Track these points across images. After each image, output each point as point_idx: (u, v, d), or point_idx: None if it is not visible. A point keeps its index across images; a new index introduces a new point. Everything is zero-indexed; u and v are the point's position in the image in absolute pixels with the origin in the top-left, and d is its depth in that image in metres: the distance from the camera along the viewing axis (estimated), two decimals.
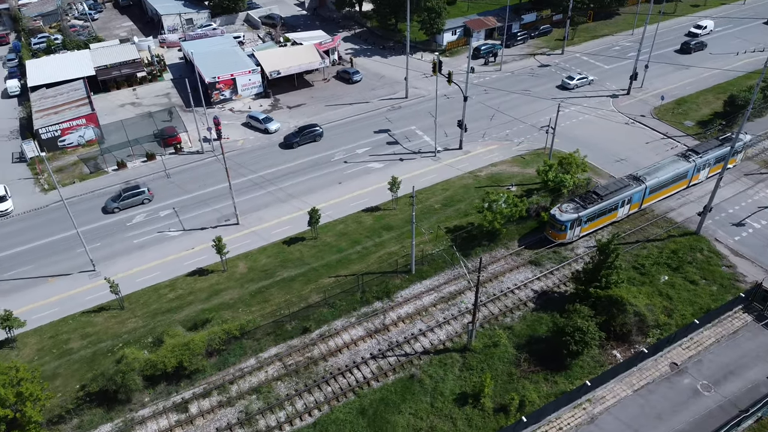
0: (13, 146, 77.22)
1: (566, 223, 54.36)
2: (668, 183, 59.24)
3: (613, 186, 57.16)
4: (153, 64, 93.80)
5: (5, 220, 64.12)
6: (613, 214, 57.35)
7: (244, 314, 49.86)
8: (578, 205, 55.24)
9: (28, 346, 48.88)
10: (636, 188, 57.09)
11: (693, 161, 60.26)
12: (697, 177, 61.93)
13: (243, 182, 66.23)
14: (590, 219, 55.62)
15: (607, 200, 55.66)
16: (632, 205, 58.16)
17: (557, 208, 55.29)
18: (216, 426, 42.84)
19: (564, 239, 55.78)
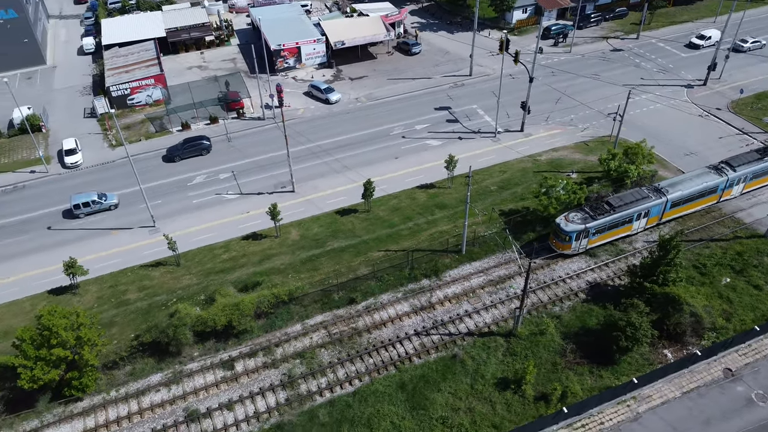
0: (85, 102, 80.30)
1: (571, 234, 50.73)
2: (694, 197, 54.40)
3: (629, 197, 52.69)
4: (221, 29, 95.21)
5: (75, 171, 67.10)
6: (627, 227, 53.16)
7: (294, 281, 50.73)
8: (587, 215, 51.36)
9: (89, 294, 51.32)
10: (655, 201, 52.65)
11: (725, 175, 55.17)
12: (729, 192, 56.70)
13: (301, 150, 66.88)
14: (599, 231, 51.68)
15: (620, 212, 51.51)
16: (650, 219, 53.87)
17: (563, 217, 51.55)
18: (259, 386, 44.09)
19: (568, 250, 52.16)
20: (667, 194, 53.32)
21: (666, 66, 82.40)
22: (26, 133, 71.05)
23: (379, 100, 77.49)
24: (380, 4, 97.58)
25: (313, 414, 42.04)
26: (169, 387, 44.30)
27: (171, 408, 43.07)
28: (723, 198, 57.06)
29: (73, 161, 67.38)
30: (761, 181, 58.07)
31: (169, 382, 44.50)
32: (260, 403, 43.03)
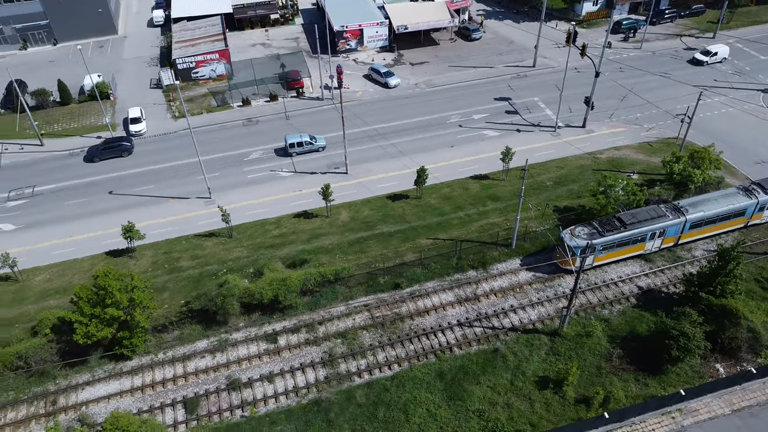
0: (152, 72, 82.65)
1: (575, 249, 47.90)
2: (717, 219, 50.98)
3: (643, 214, 49.64)
4: (286, 8, 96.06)
5: (138, 140, 69.33)
6: (639, 246, 50.39)
7: (341, 261, 51.11)
8: (594, 230, 48.76)
9: (144, 258, 53.13)
10: (672, 221, 49.58)
11: (755, 197, 51.44)
12: (759, 216, 53.02)
13: (357, 133, 67.02)
14: (607, 248, 49.06)
15: (632, 230, 48.62)
16: (666, 239, 50.82)
17: (568, 231, 49.12)
18: (300, 361, 44.80)
19: (572, 266, 49.21)
20: (686, 214, 49.99)
21: (742, 68, 78.39)
22: (95, 100, 73.76)
23: (438, 87, 76.75)
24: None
25: (350, 394, 42.46)
26: (214, 354, 45.55)
27: (214, 375, 44.30)
28: (752, 222, 53.31)
29: (137, 129, 69.61)
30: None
31: (214, 349, 45.75)
32: (300, 378, 43.75)
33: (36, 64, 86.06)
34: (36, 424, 42.07)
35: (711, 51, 79.50)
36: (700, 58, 79.54)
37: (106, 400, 43.11)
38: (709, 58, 79.15)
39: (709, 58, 79.20)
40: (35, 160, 67.11)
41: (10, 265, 49.82)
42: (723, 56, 79.85)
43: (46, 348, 44.40)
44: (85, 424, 41.10)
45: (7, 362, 43.77)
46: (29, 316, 47.99)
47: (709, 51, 79.66)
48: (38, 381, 44.36)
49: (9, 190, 62.48)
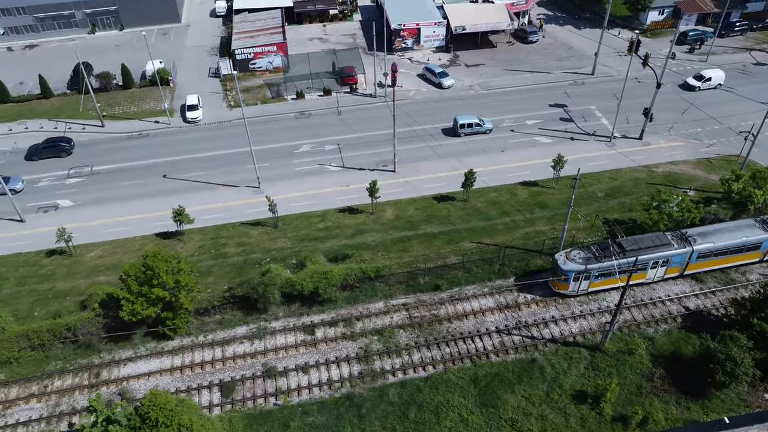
0: (211, 61, 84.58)
1: (569, 273, 46.40)
2: (728, 251, 48.19)
3: (646, 241, 47.19)
4: (346, 4, 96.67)
5: (194, 126, 71.12)
6: (640, 275, 48.04)
7: (382, 259, 51.15)
8: (591, 255, 46.71)
9: (192, 242, 54.44)
10: (677, 250, 47.17)
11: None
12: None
13: (407, 132, 66.93)
14: (604, 275, 46.95)
15: (632, 257, 45.90)
16: (670, 269, 48.44)
17: (564, 254, 47.17)
18: (336, 355, 45.08)
19: (565, 291, 47.92)
20: (693, 244, 47.50)
21: None
22: (155, 85, 76.03)
23: (492, 90, 75.91)
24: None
25: (383, 391, 42.47)
26: (252, 341, 46.31)
27: (251, 361, 45.04)
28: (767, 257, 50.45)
29: (193, 116, 71.38)
30: None
31: (253, 336, 46.51)
32: (334, 372, 44.03)
33: (102, 48, 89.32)
34: (79, 395, 43.68)
35: (704, 76, 74.33)
36: (692, 83, 74.44)
37: (146, 377, 44.41)
38: (702, 84, 74.09)
39: (701, 83, 74.14)
40: (95, 140, 69.68)
41: (66, 239, 51.85)
42: (718, 82, 74.25)
43: (93, 322, 46.05)
44: (125, 398, 42.45)
45: (57, 333, 45.61)
46: (80, 290, 49.86)
47: (702, 76, 74.52)
48: (84, 353, 46.07)
49: (69, 167, 65.07)
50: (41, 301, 49.28)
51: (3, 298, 49.23)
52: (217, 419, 40.82)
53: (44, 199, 60.70)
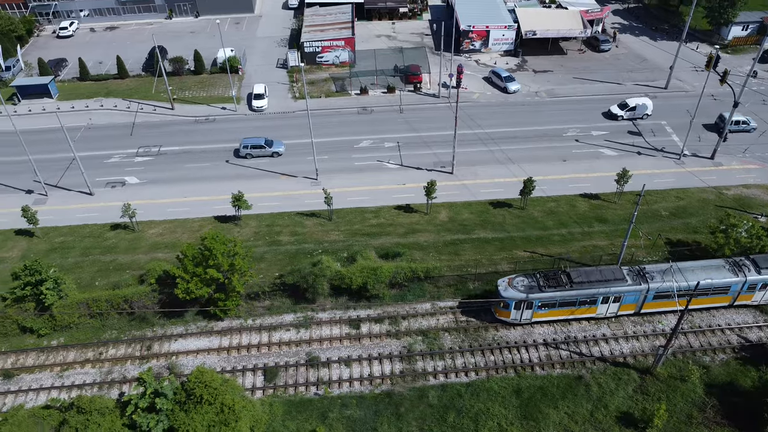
0: (279, 53, 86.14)
1: (509, 301, 44.53)
2: (692, 293, 43.06)
3: (596, 274, 44.70)
4: (416, 2, 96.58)
5: (259, 115, 72.66)
6: (589, 309, 45.75)
7: (433, 260, 50.87)
8: (534, 284, 44.57)
9: (248, 227, 55.63)
10: (630, 286, 44.50)
11: (743, 275, 45.17)
12: (748, 297, 46.69)
13: (468, 134, 66.32)
14: (548, 305, 44.94)
15: (578, 290, 44.06)
16: (624, 306, 45.86)
17: (506, 280, 45.23)
18: (379, 351, 45.18)
19: (506, 318, 45.94)
20: (649, 281, 44.63)
21: None
22: (225, 73, 78.02)
23: (559, 98, 74.31)
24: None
25: (423, 393, 42.30)
26: (298, 329, 46.97)
27: (295, 349, 45.69)
28: (739, 302, 47.03)
29: (259, 105, 72.92)
30: None
31: (299, 324, 47.16)
32: (376, 368, 44.14)
33: (177, 34, 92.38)
34: (131, 365, 45.39)
35: (628, 104, 68.92)
36: (615, 112, 69.28)
37: (195, 354, 45.71)
38: (625, 113, 68.93)
39: (624, 112, 68.93)
40: (164, 122, 72.15)
41: (130, 215, 53.89)
42: (644, 112, 69.05)
43: (149, 296, 47.74)
44: (173, 372, 43.83)
45: (115, 303, 47.53)
46: (139, 265, 51.77)
47: (626, 104, 69.10)
48: (138, 325, 47.84)
49: (138, 146, 67.63)
50: (102, 272, 51.44)
51: (68, 267, 51.63)
52: (258, 402, 41.63)
53: (113, 175, 63.33)
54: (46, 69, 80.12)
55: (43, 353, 46.60)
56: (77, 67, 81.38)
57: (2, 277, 50.64)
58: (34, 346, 46.89)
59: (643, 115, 69.34)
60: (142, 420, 37.88)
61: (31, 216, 53.48)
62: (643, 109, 69.04)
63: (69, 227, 56.74)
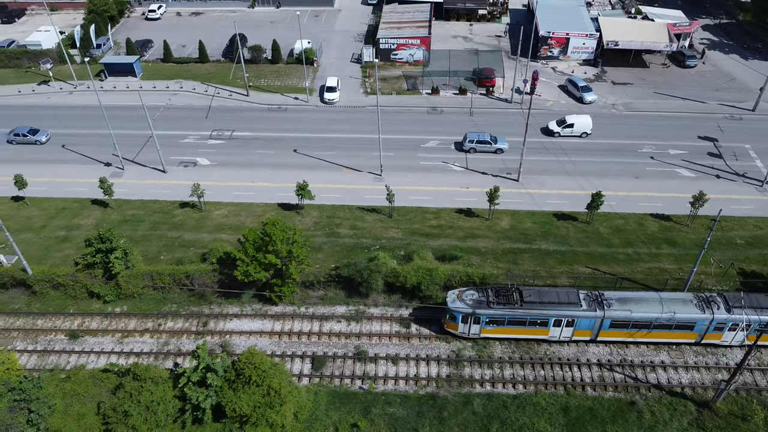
0: (355, 47, 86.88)
1: (456, 314, 43.58)
2: (652, 325, 42.90)
3: (549, 296, 43.21)
4: (496, 5, 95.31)
5: (330, 107, 73.60)
6: (541, 331, 43.98)
7: (490, 267, 50.11)
8: (484, 299, 43.42)
9: (309, 217, 56.46)
10: (584, 312, 42.67)
11: (710, 312, 42.49)
12: (716, 337, 43.83)
13: (537, 142, 64.92)
14: (496, 322, 43.46)
15: (528, 309, 42.77)
16: (578, 331, 43.94)
17: (457, 292, 44.38)
18: (427, 353, 44.96)
19: (455, 331, 45.03)
20: (606, 309, 42.66)
21: None
22: (300, 64, 79.38)
23: (636, 112, 71.65)
24: (670, 11, 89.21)
25: (468, 399, 41.80)
26: (349, 322, 47.35)
27: (345, 341, 46.08)
28: (706, 340, 44.36)
29: (330, 98, 73.82)
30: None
31: (350, 317, 47.53)
32: (422, 369, 43.95)
33: (258, 22, 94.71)
34: (186, 339, 46.98)
35: (566, 121, 66.22)
36: (552, 128, 66.66)
37: (247, 335, 46.84)
38: (562, 129, 66.20)
39: (561, 129, 66.23)
40: (239, 107, 74.16)
41: (199, 195, 55.70)
42: (584, 130, 65.94)
43: (209, 275, 49.22)
44: (225, 350, 45.07)
45: (177, 278, 49.29)
46: (203, 244, 53.45)
47: (564, 121, 66.42)
48: (196, 302, 49.45)
49: (212, 129, 69.81)
50: (168, 247, 53.42)
51: (137, 239, 53.91)
52: (304, 389, 42.26)
53: (186, 155, 65.64)
54: (133, 49, 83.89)
55: (107, 319, 48.89)
56: (162, 48, 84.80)
57: (77, 243, 53.45)
58: (99, 311, 49.28)
59: (582, 134, 66.58)
60: (193, 393, 39.13)
61: (108, 188, 56.16)
62: (583, 127, 66.40)
63: (141, 201, 59.25)
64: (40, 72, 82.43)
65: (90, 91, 75.52)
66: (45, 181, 61.68)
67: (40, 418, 39.77)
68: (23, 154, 66.37)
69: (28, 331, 48.12)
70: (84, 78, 79.61)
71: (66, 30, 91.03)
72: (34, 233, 55.66)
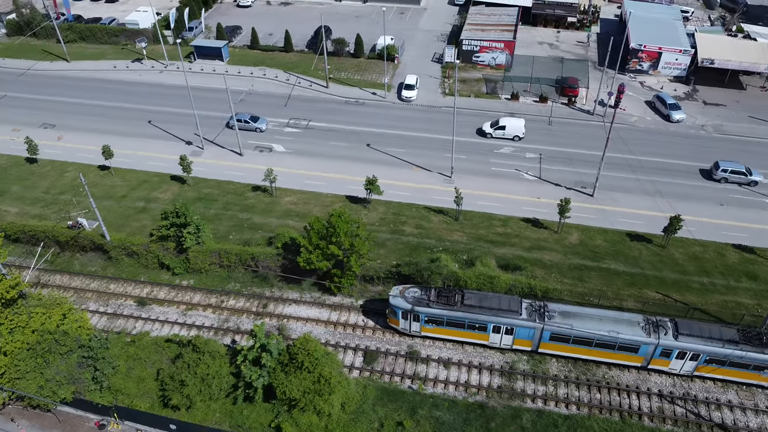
0: (437, 47, 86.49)
1: (396, 309, 44.05)
2: (594, 343, 41.81)
3: (490, 301, 43.03)
4: (587, 14, 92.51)
5: (407, 105, 73.67)
6: (481, 335, 43.72)
7: (555, 281, 48.79)
8: (425, 297, 43.59)
9: (375, 212, 56.71)
10: (522, 321, 42.19)
11: (656, 338, 40.84)
12: (664, 363, 42.12)
13: (616, 158, 62.55)
14: (435, 322, 43.57)
15: (465, 312, 42.70)
16: (518, 340, 43.37)
17: (400, 287, 45.06)
18: (480, 361, 44.31)
19: (397, 326, 45.43)
20: (545, 320, 41.76)
21: None
22: (381, 60, 79.77)
23: (728, 135, 67.78)
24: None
25: (517, 413, 40.86)
26: None
27: (398, 339, 46.07)
28: (654, 366, 42.56)
29: (408, 95, 73.84)
30: (738, 374, 41.37)
31: None
32: (474, 377, 43.33)
33: (343, 16, 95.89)
34: (246, 318, 48.25)
35: (499, 123, 66.55)
36: (485, 130, 67.13)
37: (304, 322, 47.59)
38: (494, 131, 66.39)
39: (494, 130, 66.47)
40: (317, 98, 75.38)
41: (271, 180, 57.03)
42: (515, 133, 65.88)
43: (273, 259, 50.33)
44: (281, 333, 45.98)
45: (243, 259, 50.67)
46: (270, 228, 54.70)
47: (497, 122, 66.77)
48: (258, 283, 50.68)
49: (290, 118, 71.31)
50: (237, 228, 55.01)
51: (209, 217, 55.81)
52: (354, 382, 42.51)
53: (263, 141, 67.36)
54: (223, 34, 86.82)
55: (174, 290, 50.89)
56: (249, 35, 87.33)
57: (153, 215, 55.94)
58: (167, 283, 51.37)
59: (514, 137, 66.31)
60: (247, 371, 40.12)
61: (187, 165, 58.41)
62: (514, 131, 66.14)
63: (216, 181, 61.29)
64: (135, 50, 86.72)
65: (179, 72, 78.76)
66: (130, 154, 64.89)
67: (104, 377, 41.90)
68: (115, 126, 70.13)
69: (101, 294, 50.77)
70: (174, 58, 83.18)
71: (162, 11, 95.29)
72: (115, 202, 58.67)
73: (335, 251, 45.61)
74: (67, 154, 66.02)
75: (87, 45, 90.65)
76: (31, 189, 61.33)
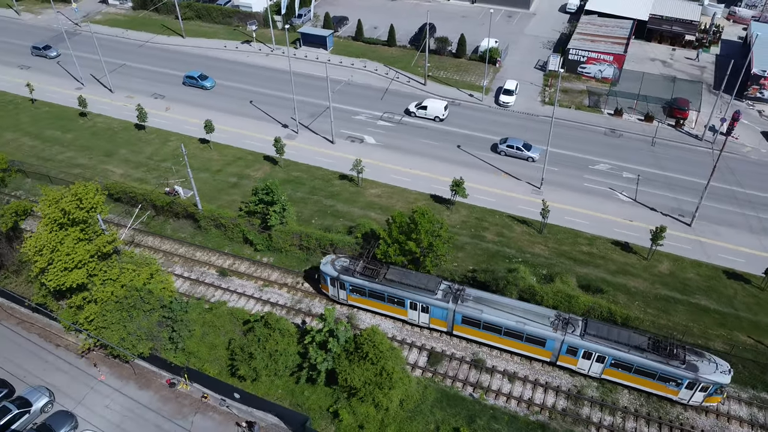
0: (542, 54, 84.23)
1: (325, 275, 46.30)
2: (503, 331, 42.29)
3: (411, 278, 44.59)
4: (708, 33, 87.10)
5: (503, 110, 72.32)
6: (400, 311, 45.50)
7: (637, 310, 46.46)
8: (352, 267, 45.71)
9: (458, 214, 56.13)
10: (436, 301, 43.52)
11: (560, 334, 40.62)
12: (573, 362, 41.74)
13: (722, 189, 58.59)
14: (359, 291, 45.70)
15: (386, 285, 44.56)
16: (434, 320, 44.64)
17: (333, 256, 47.50)
18: (547, 380, 42.87)
19: (327, 293, 47.92)
20: (458, 303, 42.91)
21: None
22: (483, 62, 78.69)
23: None
24: None
25: None
26: None
27: (465, 344, 45.38)
28: (562, 363, 42.34)
29: (505, 101, 72.46)
30: (644, 383, 40.34)
31: None
32: (538, 395, 42.03)
33: (449, 15, 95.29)
34: (318, 302, 49.14)
35: (422, 104, 70.57)
36: (410, 109, 71.44)
37: (373, 314, 47.84)
38: (417, 110, 70.50)
39: (416, 109, 70.61)
40: (413, 95, 75.47)
41: (359, 170, 57.72)
42: (435, 114, 69.54)
43: (352, 247, 50.90)
44: (350, 322, 46.49)
45: (323, 244, 51.60)
46: (352, 217, 55.40)
47: (420, 103, 70.95)
48: None
49: (384, 111, 71.86)
50: (320, 213, 56.11)
51: (295, 199, 57.27)
52: (415, 380, 42.34)
53: (355, 131, 68.29)
54: (329, 23, 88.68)
55: (254, 266, 52.63)
56: (355, 27, 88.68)
57: (244, 191, 58.11)
58: (249, 257, 53.17)
59: (434, 117, 69.67)
60: (314, 353, 40.88)
61: (280, 147, 60.21)
62: (435, 111, 69.75)
63: (306, 166, 62.79)
64: (246, 32, 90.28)
65: (284, 57, 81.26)
66: (229, 130, 67.70)
67: (180, 338, 44.00)
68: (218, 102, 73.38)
69: (187, 260, 53.32)
70: (281, 43, 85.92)
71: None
72: (210, 174, 61.42)
73: (413, 248, 45.52)
74: (172, 125, 69.86)
75: (202, 23, 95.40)
76: (137, 153, 65.36)
